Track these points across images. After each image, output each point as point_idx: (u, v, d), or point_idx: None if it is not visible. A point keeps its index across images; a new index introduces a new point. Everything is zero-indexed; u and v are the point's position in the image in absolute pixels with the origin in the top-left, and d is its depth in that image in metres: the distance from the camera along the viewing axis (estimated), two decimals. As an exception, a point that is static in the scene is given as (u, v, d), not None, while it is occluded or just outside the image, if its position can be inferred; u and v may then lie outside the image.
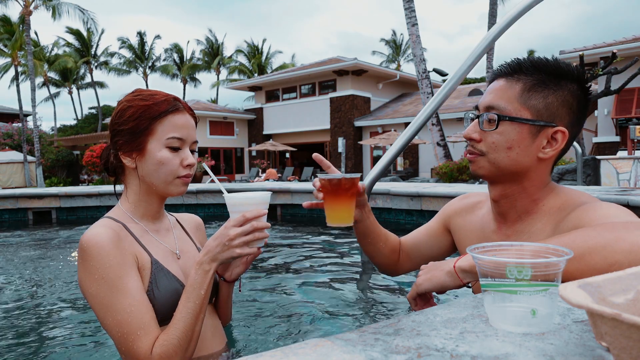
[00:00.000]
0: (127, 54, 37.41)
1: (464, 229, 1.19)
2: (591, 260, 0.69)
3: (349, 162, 21.23)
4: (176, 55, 38.94)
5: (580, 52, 9.30)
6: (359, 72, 21.46)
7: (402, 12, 11.34)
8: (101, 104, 36.83)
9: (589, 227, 0.75)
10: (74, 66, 34.82)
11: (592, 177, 6.89)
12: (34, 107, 19.35)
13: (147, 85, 36.87)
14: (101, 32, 36.65)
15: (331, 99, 21.91)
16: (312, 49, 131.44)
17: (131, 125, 1.04)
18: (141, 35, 37.41)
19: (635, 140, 7.64)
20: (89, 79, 37.78)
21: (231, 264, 1.15)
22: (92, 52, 36.69)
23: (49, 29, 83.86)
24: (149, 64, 38.28)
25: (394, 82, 23.60)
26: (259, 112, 25.02)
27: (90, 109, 42.08)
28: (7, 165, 19.06)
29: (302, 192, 4.98)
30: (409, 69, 36.63)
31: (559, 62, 0.95)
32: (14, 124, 23.92)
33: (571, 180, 6.79)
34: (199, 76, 60.40)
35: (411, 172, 18.56)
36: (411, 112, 19.80)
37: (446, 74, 14.67)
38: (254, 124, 25.28)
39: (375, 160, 20.92)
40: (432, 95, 6.55)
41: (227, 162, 25.20)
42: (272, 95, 24.81)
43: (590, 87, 0.98)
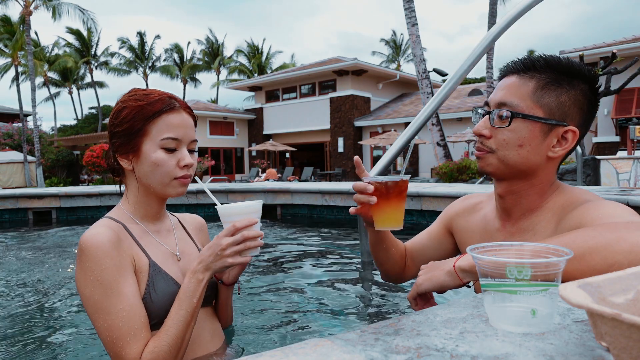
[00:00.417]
0: (127, 54, 37.43)
1: (466, 229, 1.18)
2: (591, 260, 0.69)
3: (349, 162, 21.23)
4: (176, 55, 38.96)
5: (580, 52, 9.30)
6: (359, 72, 21.47)
7: (402, 12, 11.34)
8: (101, 104, 36.84)
9: (590, 226, 0.75)
10: (74, 66, 34.84)
11: (592, 177, 6.89)
12: (34, 107, 19.35)
13: (147, 85, 36.87)
14: (101, 32, 36.66)
15: (331, 99, 21.91)
16: (312, 49, 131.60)
17: (126, 126, 1.02)
18: (141, 35, 37.42)
19: (635, 140, 7.63)
20: (89, 79, 37.81)
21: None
22: (92, 52, 36.70)
23: (49, 29, 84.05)
24: (149, 64, 38.30)
25: (394, 82, 23.60)
26: (259, 112, 25.02)
27: (90, 109, 42.15)
28: (7, 165, 19.06)
29: (302, 192, 4.98)
30: (409, 69, 36.65)
31: (571, 62, 0.94)
32: (14, 124, 23.93)
33: (571, 180, 6.79)
34: (199, 76, 60.42)
35: (411, 172, 18.57)
36: (411, 112, 19.81)
37: (446, 74, 14.67)
38: (254, 124, 25.28)
39: (375, 160, 20.92)
40: (432, 95, 6.55)
41: (227, 162, 25.20)
42: (272, 95, 24.81)
43: (600, 88, 0.97)
